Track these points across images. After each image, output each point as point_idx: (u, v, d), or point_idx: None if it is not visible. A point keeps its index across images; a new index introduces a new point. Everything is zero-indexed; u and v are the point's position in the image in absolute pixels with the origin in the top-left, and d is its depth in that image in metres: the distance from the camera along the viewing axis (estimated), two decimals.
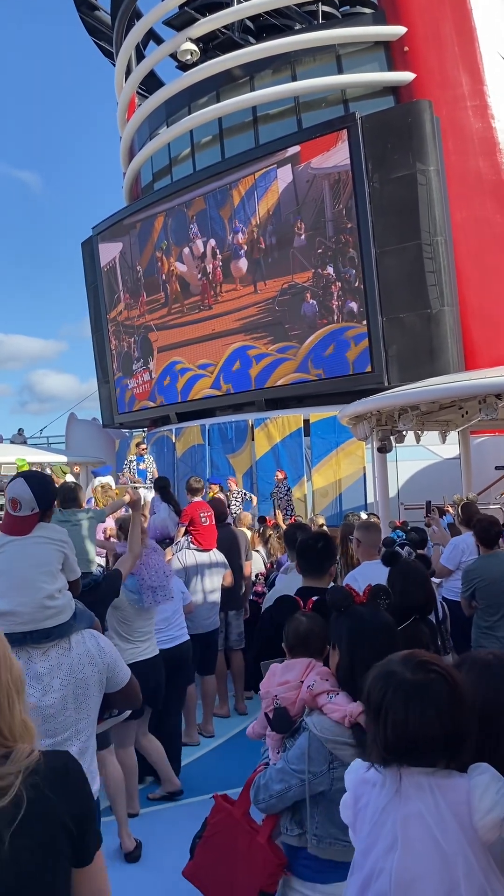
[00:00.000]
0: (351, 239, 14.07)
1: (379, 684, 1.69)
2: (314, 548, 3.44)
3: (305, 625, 2.66)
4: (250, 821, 2.57)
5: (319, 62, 16.15)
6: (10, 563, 2.73)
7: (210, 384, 17.16)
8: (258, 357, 15.93)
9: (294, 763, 2.35)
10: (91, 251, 20.60)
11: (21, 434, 24.36)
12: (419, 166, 13.28)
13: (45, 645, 2.62)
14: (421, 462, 13.41)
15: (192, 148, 18.39)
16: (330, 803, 2.31)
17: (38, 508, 2.81)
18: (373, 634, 2.39)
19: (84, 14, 22.42)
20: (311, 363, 14.96)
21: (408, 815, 1.61)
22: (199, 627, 6.07)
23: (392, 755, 1.65)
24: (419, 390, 9.16)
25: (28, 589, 2.65)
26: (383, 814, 1.66)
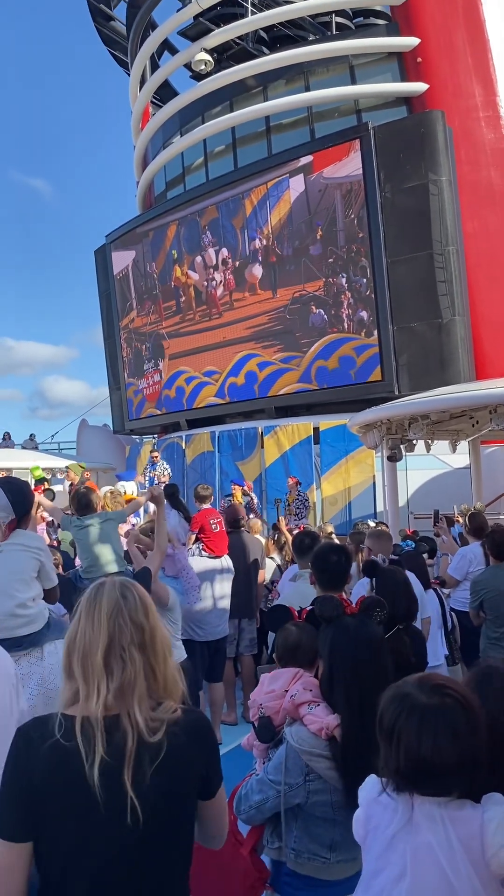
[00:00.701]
0: (362, 248, 14.10)
1: (393, 707, 1.65)
2: (333, 561, 3.36)
3: (294, 636, 2.64)
4: (236, 832, 2.55)
5: (333, 73, 16.24)
6: None
7: (215, 392, 17.25)
8: (262, 365, 16.00)
9: (272, 774, 2.34)
10: (104, 259, 20.72)
11: (32, 439, 24.50)
12: (431, 176, 13.31)
13: (16, 654, 2.59)
14: (431, 471, 13.39)
15: (206, 157, 18.50)
16: (308, 817, 2.30)
17: (13, 515, 2.80)
18: (353, 648, 2.36)
19: (99, 24, 22.62)
20: (313, 374, 15.03)
21: (418, 847, 1.57)
22: (209, 634, 6.08)
23: (404, 780, 1.61)
24: (430, 399, 9.17)
25: (2, 597, 2.64)
26: (394, 840, 1.62)
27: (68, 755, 1.50)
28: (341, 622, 2.44)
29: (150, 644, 1.62)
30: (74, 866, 1.49)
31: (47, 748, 1.51)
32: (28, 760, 1.52)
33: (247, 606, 6.83)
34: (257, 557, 7.14)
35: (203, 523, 6.39)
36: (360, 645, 2.37)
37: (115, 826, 1.49)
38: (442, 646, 5.63)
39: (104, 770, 1.49)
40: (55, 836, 1.50)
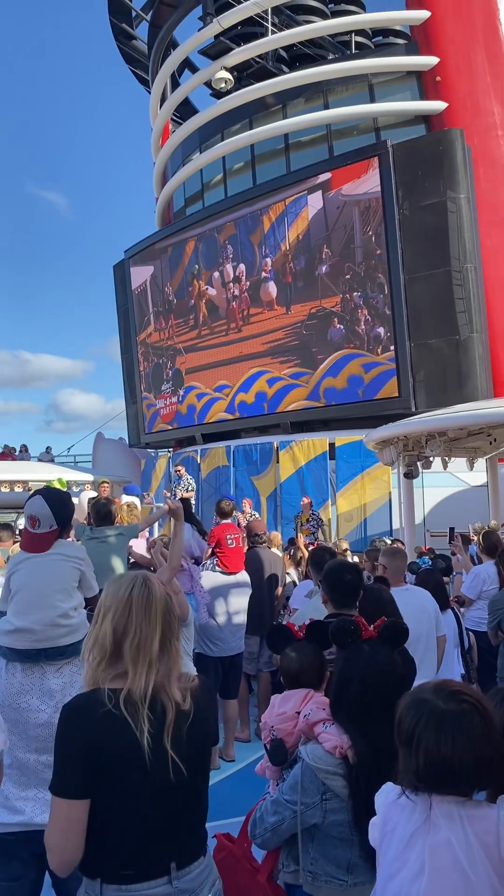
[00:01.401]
0: (380, 265, 14.13)
1: (411, 713, 1.70)
2: (345, 581, 3.31)
3: (296, 663, 2.61)
4: (251, 859, 2.51)
5: (352, 91, 16.35)
6: (27, 580, 2.74)
7: (225, 407, 17.32)
8: (271, 381, 16.05)
9: (287, 794, 2.29)
10: (122, 274, 20.88)
11: (49, 452, 24.63)
12: (450, 194, 13.34)
13: (58, 662, 2.64)
14: (448, 489, 13.31)
15: (225, 174, 18.64)
16: (325, 838, 2.25)
17: (56, 525, 2.82)
18: (359, 681, 2.29)
19: (122, 43, 22.97)
20: (322, 392, 15.06)
21: (436, 844, 1.62)
22: (223, 651, 6.04)
23: (423, 783, 1.66)
24: (447, 416, 9.13)
25: (43, 606, 2.66)
26: (411, 840, 1.66)
27: (119, 722, 1.81)
28: (355, 649, 2.36)
29: (177, 633, 1.99)
30: (129, 815, 1.81)
31: (100, 716, 1.81)
32: (83, 728, 1.82)
33: (266, 623, 6.78)
34: (277, 573, 7.09)
35: (220, 538, 6.36)
36: (372, 675, 2.29)
37: (160, 779, 1.83)
38: (458, 664, 5.57)
39: (150, 734, 1.82)
40: (110, 791, 1.80)
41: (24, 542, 2.90)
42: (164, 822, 1.86)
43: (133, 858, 1.83)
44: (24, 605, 2.68)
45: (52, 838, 1.81)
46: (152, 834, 1.84)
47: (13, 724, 2.62)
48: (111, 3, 21.52)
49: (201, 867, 1.95)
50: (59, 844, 1.80)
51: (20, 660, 2.64)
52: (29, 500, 2.87)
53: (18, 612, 2.66)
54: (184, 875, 1.88)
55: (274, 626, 2.85)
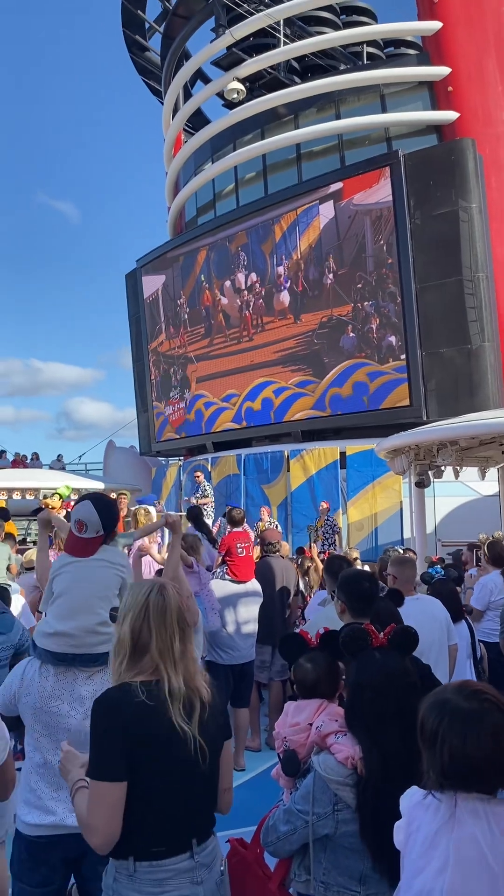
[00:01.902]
0: (391, 274, 14.14)
1: (434, 712, 1.73)
2: (362, 588, 3.29)
3: (311, 674, 2.58)
4: (263, 866, 2.50)
5: (363, 101, 16.40)
6: (70, 585, 2.76)
7: (232, 416, 17.38)
8: (278, 391, 16.07)
9: (299, 804, 2.30)
10: (134, 283, 20.99)
11: (60, 460, 24.72)
12: (461, 203, 13.35)
13: (91, 669, 2.66)
14: (459, 498, 13.25)
15: (236, 184, 18.72)
16: (337, 848, 2.25)
17: (102, 531, 2.85)
18: (376, 687, 2.29)
19: (135, 55, 23.14)
20: (328, 401, 15.05)
21: (461, 839, 1.64)
22: (234, 659, 6.03)
23: (449, 780, 1.68)
24: (458, 425, 9.11)
25: (84, 612, 2.69)
26: (436, 837, 1.68)
27: (152, 712, 2.00)
28: (367, 657, 2.37)
29: (191, 637, 2.17)
30: (161, 796, 2.00)
31: (135, 706, 1.99)
32: (121, 717, 1.99)
33: (279, 632, 6.76)
34: (289, 582, 7.08)
35: (230, 546, 6.36)
36: (385, 681, 2.30)
37: (188, 763, 2.02)
38: (470, 674, 5.54)
39: (183, 723, 2.02)
40: (145, 774, 1.98)
41: (68, 545, 2.92)
42: (190, 802, 2.05)
43: (163, 836, 2.01)
44: (66, 609, 2.71)
45: (96, 819, 1.95)
46: (180, 813, 2.03)
47: (44, 726, 2.65)
48: (124, 14, 21.70)
49: (213, 843, 2.15)
50: (102, 825, 1.95)
51: (54, 663, 2.68)
52: (77, 505, 2.91)
53: (59, 616, 2.69)
54: (202, 850, 2.07)
55: (287, 635, 2.83)
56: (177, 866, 2.00)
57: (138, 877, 1.98)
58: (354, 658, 2.39)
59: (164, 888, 1.98)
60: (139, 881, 1.98)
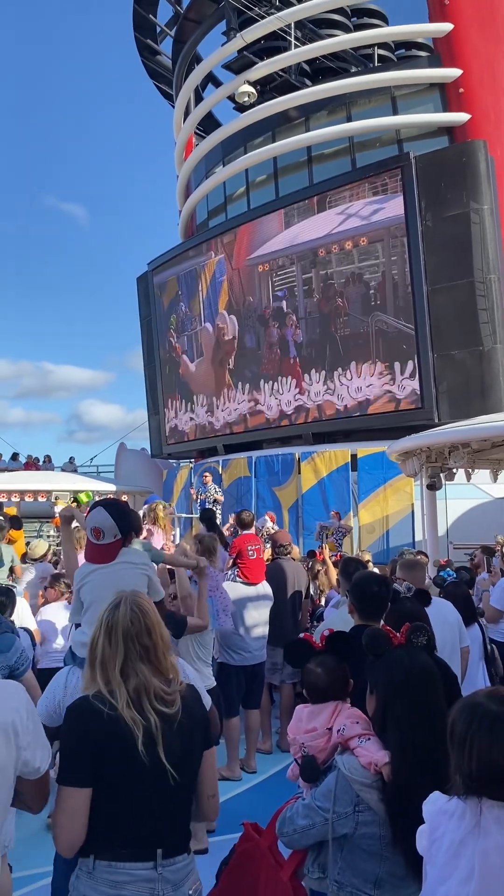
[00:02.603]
0: (403, 276, 14.11)
1: (464, 716, 1.73)
2: (371, 592, 3.29)
3: (322, 678, 2.57)
4: (276, 854, 2.51)
5: (374, 103, 16.39)
6: (100, 592, 2.76)
7: (244, 418, 17.41)
8: (292, 392, 16.05)
9: (320, 800, 2.30)
10: (146, 286, 21.07)
11: (72, 462, 24.82)
12: (473, 205, 13.31)
13: None
14: (471, 501, 13.20)
15: (247, 187, 18.76)
16: (354, 849, 2.24)
17: (120, 535, 2.87)
18: (409, 683, 2.30)
19: (146, 58, 23.23)
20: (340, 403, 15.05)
21: (487, 848, 1.62)
22: (245, 660, 6.03)
23: (476, 784, 1.67)
24: (470, 427, 9.08)
25: None
26: (461, 846, 1.66)
27: (118, 724, 2.01)
28: (392, 656, 2.38)
29: (154, 657, 2.13)
30: (123, 803, 2.01)
31: (102, 716, 2.01)
32: (88, 725, 2.02)
33: (290, 634, 6.75)
34: (301, 585, 7.08)
35: (241, 548, 6.37)
36: (415, 679, 2.32)
37: (155, 773, 2.02)
38: (483, 677, 5.51)
39: (144, 734, 2.02)
40: (109, 781, 2.00)
41: (88, 555, 2.93)
42: (156, 811, 2.04)
43: (124, 839, 2.02)
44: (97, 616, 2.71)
45: (60, 824, 2.00)
46: (144, 819, 2.03)
47: None
48: (136, 18, 21.79)
49: (185, 862, 2.10)
50: (65, 829, 1.98)
51: None
52: (91, 512, 2.92)
53: (93, 624, 2.69)
54: (168, 865, 2.04)
55: (292, 641, 2.82)
56: (136, 872, 2.00)
57: (96, 875, 2.00)
58: (378, 658, 2.39)
59: (119, 891, 1.98)
60: (97, 879, 2.00)
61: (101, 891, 1.99)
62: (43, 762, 1.97)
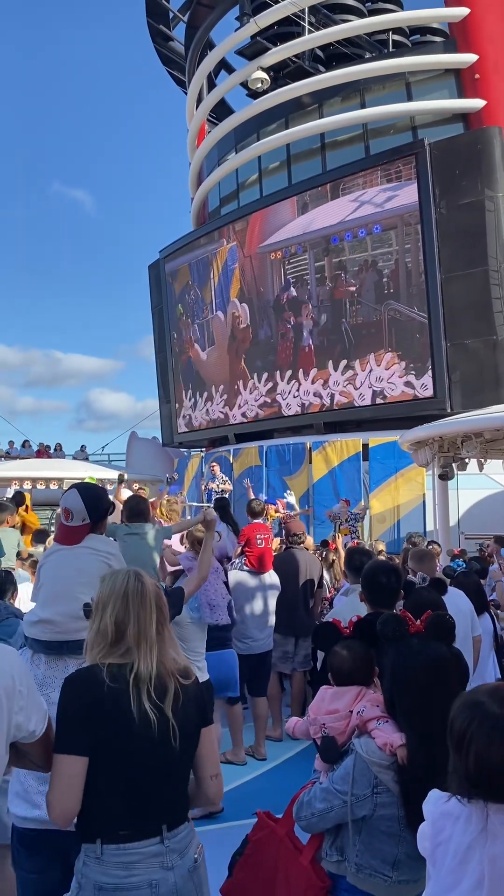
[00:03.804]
0: (416, 264, 14.00)
1: (464, 714, 1.67)
2: (380, 583, 3.30)
3: (348, 662, 2.59)
4: (295, 840, 2.50)
5: (389, 90, 16.23)
6: (53, 572, 2.78)
7: (255, 408, 17.38)
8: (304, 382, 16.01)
9: (338, 783, 2.31)
10: (157, 274, 21.03)
11: (83, 451, 24.91)
12: (488, 193, 13.18)
13: (81, 656, 2.58)
14: (483, 491, 13.14)
15: (260, 174, 18.65)
16: (372, 831, 2.26)
17: (88, 519, 2.85)
18: (417, 672, 2.30)
19: (158, 45, 23.09)
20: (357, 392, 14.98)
21: (496, 854, 1.57)
22: (250, 648, 6.04)
23: (474, 787, 1.62)
24: (483, 417, 9.03)
25: (66, 599, 2.68)
26: (469, 851, 1.61)
27: (120, 692, 2.03)
28: (405, 643, 2.38)
29: (161, 627, 2.17)
30: (126, 778, 2.01)
31: (104, 685, 2.02)
32: (87, 693, 2.02)
33: (301, 624, 6.75)
34: (313, 574, 7.06)
35: (249, 537, 6.37)
36: (424, 669, 2.31)
37: (157, 746, 2.04)
38: (493, 667, 5.50)
39: (153, 705, 2.04)
40: (109, 754, 2.00)
41: (57, 534, 2.96)
42: (159, 786, 2.05)
43: (130, 819, 2.02)
44: (48, 596, 2.72)
45: (53, 793, 1.99)
46: (148, 796, 2.04)
47: None
48: (148, 4, 21.65)
49: (187, 830, 2.13)
50: (59, 798, 1.98)
51: (44, 651, 2.69)
52: (64, 494, 2.92)
53: (43, 603, 2.70)
54: (173, 836, 2.07)
55: (321, 625, 2.84)
56: (145, 850, 2.01)
57: (105, 859, 2.00)
58: (392, 645, 2.39)
59: (131, 871, 2.00)
60: (106, 864, 2.00)
61: (112, 874, 1.99)
62: (38, 725, 1.94)
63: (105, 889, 1.99)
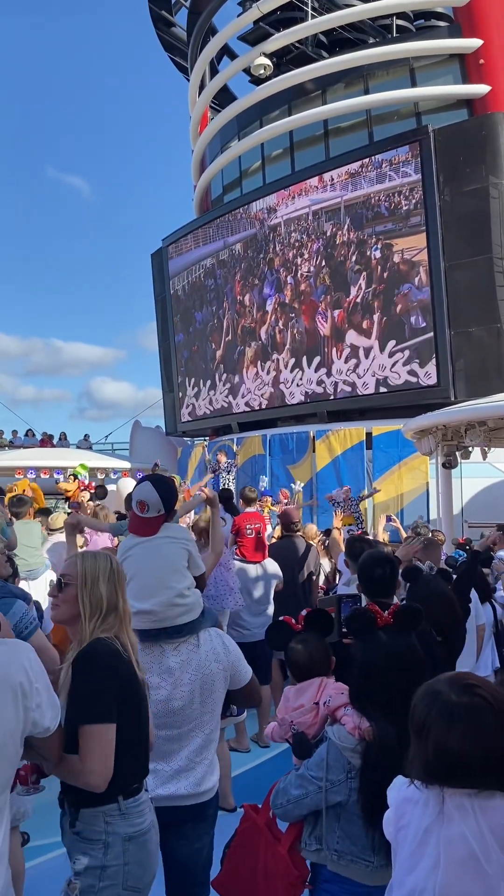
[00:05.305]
0: (420, 252, 13.93)
1: (424, 703, 1.70)
2: (376, 574, 3.32)
3: (304, 656, 2.65)
4: (275, 829, 2.52)
5: (392, 75, 16.10)
6: (142, 564, 2.86)
7: (259, 396, 17.35)
8: (306, 370, 15.95)
9: (313, 770, 2.33)
10: (160, 263, 20.96)
11: (87, 440, 24.92)
12: (492, 179, 13.09)
13: (176, 641, 2.77)
14: (487, 479, 13.13)
15: (263, 161, 18.55)
16: (350, 817, 2.27)
17: (163, 510, 2.95)
18: (385, 667, 2.31)
19: (161, 31, 22.93)
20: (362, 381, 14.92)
21: (451, 837, 1.61)
22: (242, 637, 6.04)
23: (433, 774, 1.65)
24: (487, 405, 9.01)
25: (160, 588, 2.78)
26: (426, 834, 1.65)
27: (127, 664, 2.28)
28: (373, 637, 2.38)
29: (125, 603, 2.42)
30: (137, 737, 2.28)
31: (123, 656, 2.27)
32: (115, 665, 2.24)
33: (297, 612, 6.74)
34: (310, 562, 7.04)
35: (240, 526, 6.37)
36: (392, 662, 2.32)
37: (145, 707, 2.34)
38: (492, 656, 5.51)
39: (139, 672, 2.31)
40: (127, 718, 2.23)
41: (132, 526, 3.02)
42: (147, 742, 2.36)
43: (138, 773, 2.32)
44: (143, 588, 2.79)
45: (95, 761, 2.15)
46: (143, 750, 2.34)
47: None
48: None
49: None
50: (104, 764, 2.15)
51: (140, 639, 2.75)
52: (138, 486, 3.01)
53: (138, 596, 2.77)
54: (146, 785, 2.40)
55: (272, 624, 2.91)
56: (144, 800, 2.33)
57: (128, 813, 2.24)
58: (358, 639, 2.41)
59: (143, 818, 2.29)
60: (129, 816, 2.24)
61: (135, 824, 2.25)
62: (52, 721, 1.97)
63: (133, 838, 2.23)
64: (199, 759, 2.78)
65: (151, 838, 2.31)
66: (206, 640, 2.82)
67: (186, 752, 2.75)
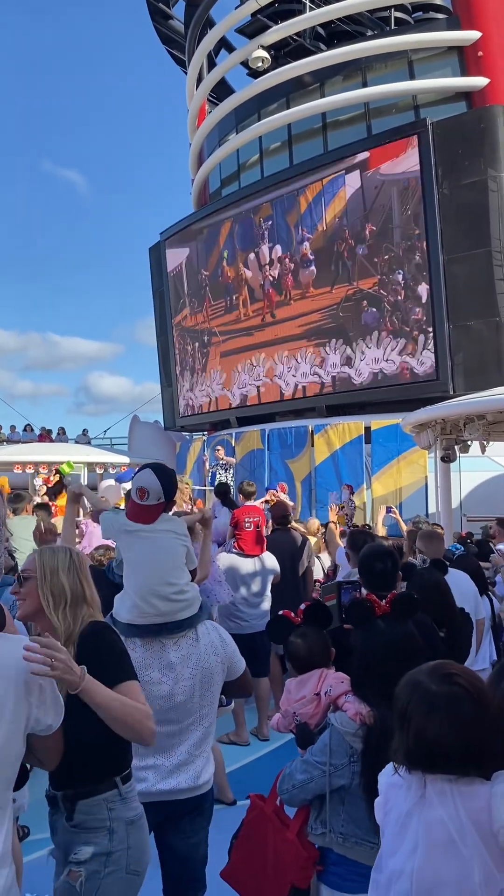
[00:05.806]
0: (418, 245, 13.91)
1: (405, 692, 1.75)
2: (376, 568, 3.34)
3: (303, 649, 2.68)
4: (282, 816, 2.57)
5: (391, 68, 16.04)
6: (143, 558, 2.87)
7: (258, 391, 17.34)
8: (304, 364, 15.93)
9: (317, 755, 2.39)
10: (158, 257, 20.90)
11: (85, 434, 24.93)
12: (491, 172, 13.06)
13: (176, 635, 2.78)
14: (486, 473, 13.12)
15: (261, 154, 18.49)
16: (355, 800, 2.32)
17: (164, 498, 2.95)
18: (385, 655, 2.36)
19: (158, 23, 22.82)
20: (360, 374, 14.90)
21: (430, 821, 1.66)
22: (240, 629, 6.05)
23: (414, 762, 1.70)
24: (486, 399, 8.99)
25: (161, 584, 2.80)
26: (407, 818, 1.71)
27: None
28: (372, 626, 2.44)
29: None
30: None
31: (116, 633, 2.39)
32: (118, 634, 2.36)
33: (290, 604, 6.74)
34: (303, 555, 7.04)
35: (239, 520, 6.39)
36: (391, 650, 2.37)
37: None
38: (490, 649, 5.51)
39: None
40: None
41: (130, 512, 3.00)
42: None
43: (130, 758, 2.31)
44: (143, 583, 2.81)
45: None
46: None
47: None
48: None
49: None
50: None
51: (140, 635, 2.78)
52: (138, 473, 3.00)
53: (138, 591, 2.79)
54: None
55: (272, 619, 2.94)
56: (135, 783, 2.35)
57: (127, 796, 2.24)
58: (358, 628, 2.47)
59: (137, 801, 2.31)
60: (129, 799, 2.25)
61: (134, 807, 2.26)
62: (55, 719, 1.95)
63: (133, 822, 2.24)
64: (198, 752, 2.80)
65: (146, 822, 2.33)
66: (205, 634, 2.84)
67: (186, 746, 2.77)
